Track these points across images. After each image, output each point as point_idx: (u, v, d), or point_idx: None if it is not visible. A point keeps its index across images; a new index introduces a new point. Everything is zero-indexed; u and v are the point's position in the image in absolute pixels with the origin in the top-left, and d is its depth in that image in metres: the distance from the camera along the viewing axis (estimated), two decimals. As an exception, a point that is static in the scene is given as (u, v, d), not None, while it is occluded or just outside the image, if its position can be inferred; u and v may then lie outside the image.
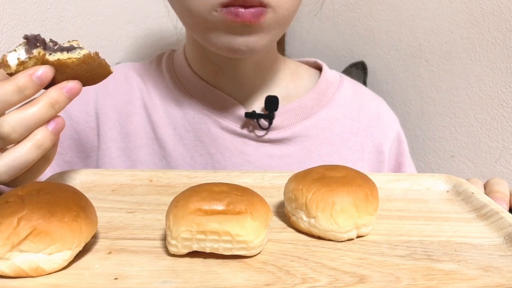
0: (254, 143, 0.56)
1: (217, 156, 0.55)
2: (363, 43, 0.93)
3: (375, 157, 0.60)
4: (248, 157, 0.55)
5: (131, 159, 0.56)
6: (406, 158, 0.63)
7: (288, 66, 0.61)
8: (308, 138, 0.57)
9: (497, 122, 0.75)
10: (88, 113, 0.57)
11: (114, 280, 0.28)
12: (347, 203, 0.33)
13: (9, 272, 0.28)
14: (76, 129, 0.57)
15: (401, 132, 0.64)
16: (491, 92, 0.75)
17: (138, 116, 0.57)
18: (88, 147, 0.57)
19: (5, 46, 0.63)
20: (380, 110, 0.63)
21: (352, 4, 0.93)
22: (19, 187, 0.32)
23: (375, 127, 0.61)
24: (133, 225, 0.36)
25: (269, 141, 0.56)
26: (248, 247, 0.30)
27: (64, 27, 0.73)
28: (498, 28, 0.72)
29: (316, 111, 0.58)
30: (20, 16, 0.65)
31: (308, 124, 0.57)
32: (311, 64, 0.65)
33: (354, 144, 0.59)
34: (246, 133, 0.56)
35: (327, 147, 0.58)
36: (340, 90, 0.61)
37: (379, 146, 0.60)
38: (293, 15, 0.49)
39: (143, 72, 0.61)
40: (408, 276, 0.29)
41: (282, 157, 0.56)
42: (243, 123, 0.56)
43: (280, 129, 0.56)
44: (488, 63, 0.75)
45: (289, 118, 0.57)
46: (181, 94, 0.57)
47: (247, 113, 0.55)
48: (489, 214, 0.38)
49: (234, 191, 0.33)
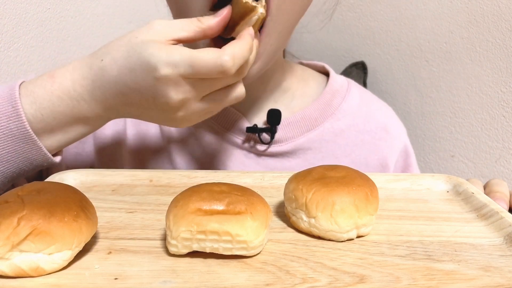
0: (254, 156, 0.55)
1: (219, 167, 0.55)
2: (363, 43, 0.93)
3: (379, 171, 0.58)
4: (248, 170, 0.55)
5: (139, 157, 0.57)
6: (413, 170, 0.61)
7: (295, 74, 0.59)
8: (311, 151, 0.56)
9: (497, 122, 0.75)
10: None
11: (114, 280, 0.28)
12: (347, 203, 0.33)
13: (9, 272, 0.28)
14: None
15: (408, 145, 0.62)
16: (491, 92, 0.75)
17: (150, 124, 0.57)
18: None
19: (5, 46, 0.63)
20: (387, 122, 0.61)
21: (352, 4, 0.93)
22: (19, 187, 0.32)
23: (381, 140, 0.59)
24: (133, 225, 0.36)
25: (270, 155, 0.55)
26: (248, 247, 0.30)
27: (64, 27, 0.73)
28: (498, 28, 0.73)
29: (320, 123, 0.56)
30: (20, 16, 0.65)
31: (311, 136, 0.56)
32: (318, 68, 0.63)
33: (358, 157, 0.57)
34: (248, 147, 0.55)
35: (330, 160, 0.56)
36: (347, 99, 0.59)
37: (384, 159, 0.58)
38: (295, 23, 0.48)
39: None
40: (408, 276, 0.29)
41: (283, 170, 0.55)
42: (245, 137, 0.55)
43: (282, 142, 0.55)
44: (488, 63, 0.75)
45: (292, 131, 0.55)
46: None
47: (249, 128, 0.54)
48: (489, 214, 0.38)
49: (234, 191, 0.33)
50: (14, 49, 0.64)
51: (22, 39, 0.65)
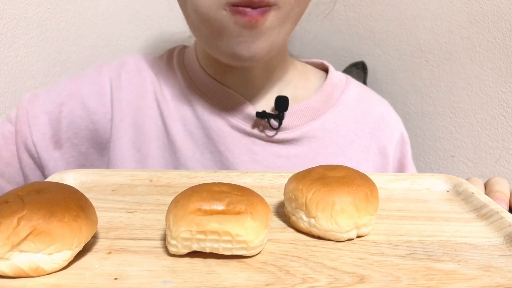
0: (262, 142, 0.56)
1: (226, 153, 0.55)
2: (363, 43, 0.93)
3: (380, 160, 0.60)
4: (257, 156, 0.55)
5: (141, 152, 0.56)
6: (408, 159, 0.63)
7: (296, 68, 0.61)
8: (315, 139, 0.57)
9: (497, 122, 0.75)
10: (104, 105, 0.57)
11: (114, 280, 0.28)
12: (347, 203, 0.33)
13: (9, 272, 0.28)
14: (92, 120, 0.57)
15: (404, 133, 0.64)
16: (491, 92, 0.75)
17: (150, 109, 0.57)
18: (104, 139, 0.57)
19: (5, 46, 0.63)
20: (384, 113, 0.63)
21: (352, 4, 0.93)
22: (19, 187, 0.32)
23: (380, 130, 0.61)
24: (133, 225, 0.36)
25: (278, 141, 0.56)
26: (248, 247, 0.30)
27: (64, 27, 0.73)
28: (498, 28, 0.72)
29: (322, 113, 0.58)
30: (20, 16, 0.65)
31: (315, 125, 0.57)
32: (318, 66, 0.65)
33: (359, 146, 0.59)
34: (257, 132, 0.56)
35: (333, 148, 0.58)
36: (346, 92, 0.61)
37: (384, 149, 0.60)
38: (299, 15, 0.50)
39: (154, 66, 0.61)
40: (408, 276, 0.29)
41: (289, 157, 0.56)
42: (253, 122, 0.56)
43: (289, 130, 0.56)
44: (488, 63, 0.75)
45: (297, 119, 0.57)
46: (191, 91, 0.57)
47: (258, 113, 0.55)
48: (489, 214, 0.38)
49: (234, 191, 0.33)
50: (14, 49, 0.64)
51: (22, 39, 0.65)
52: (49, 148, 0.55)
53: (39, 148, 0.54)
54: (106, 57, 0.82)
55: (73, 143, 0.56)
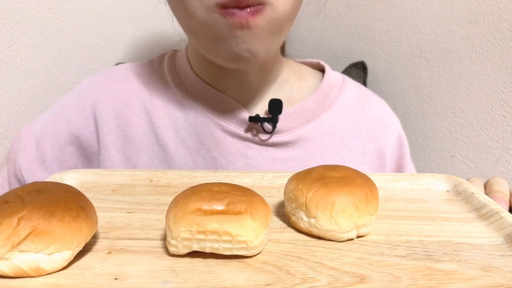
0: (257, 146, 0.55)
1: (220, 159, 0.55)
2: (363, 43, 0.93)
3: (377, 161, 0.59)
4: (251, 160, 0.55)
5: (131, 162, 0.56)
6: (407, 160, 0.63)
7: (291, 68, 0.61)
8: (311, 141, 0.57)
9: (497, 122, 0.75)
10: (86, 118, 0.57)
11: (114, 280, 0.28)
12: (347, 203, 0.33)
13: (9, 272, 0.28)
14: (76, 135, 0.57)
15: (402, 134, 0.63)
16: (491, 92, 0.75)
17: (137, 117, 0.56)
18: (90, 152, 0.57)
19: (5, 46, 0.63)
20: (382, 113, 0.63)
21: (352, 4, 0.93)
22: (19, 187, 0.32)
23: (377, 130, 0.60)
24: (133, 225, 0.36)
25: (272, 145, 0.56)
26: (248, 247, 0.30)
27: (64, 27, 0.73)
28: (498, 28, 0.72)
29: (318, 114, 0.58)
30: (20, 16, 0.65)
31: (310, 127, 0.57)
32: (314, 65, 0.64)
33: (356, 147, 0.59)
34: (250, 137, 0.55)
35: (330, 150, 0.57)
36: (343, 93, 0.60)
37: (381, 149, 0.60)
38: (295, 13, 0.49)
39: (143, 72, 0.60)
40: (408, 276, 0.29)
41: (284, 160, 0.56)
42: (246, 127, 0.55)
43: (283, 133, 0.56)
44: (488, 63, 0.75)
45: (292, 121, 0.56)
46: (183, 96, 0.57)
47: (251, 117, 0.54)
48: (489, 214, 0.38)
49: (234, 191, 0.33)
50: (14, 49, 0.64)
51: (22, 39, 0.65)
52: (35, 171, 0.56)
53: (24, 172, 0.55)
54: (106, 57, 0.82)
55: (60, 160, 0.56)
